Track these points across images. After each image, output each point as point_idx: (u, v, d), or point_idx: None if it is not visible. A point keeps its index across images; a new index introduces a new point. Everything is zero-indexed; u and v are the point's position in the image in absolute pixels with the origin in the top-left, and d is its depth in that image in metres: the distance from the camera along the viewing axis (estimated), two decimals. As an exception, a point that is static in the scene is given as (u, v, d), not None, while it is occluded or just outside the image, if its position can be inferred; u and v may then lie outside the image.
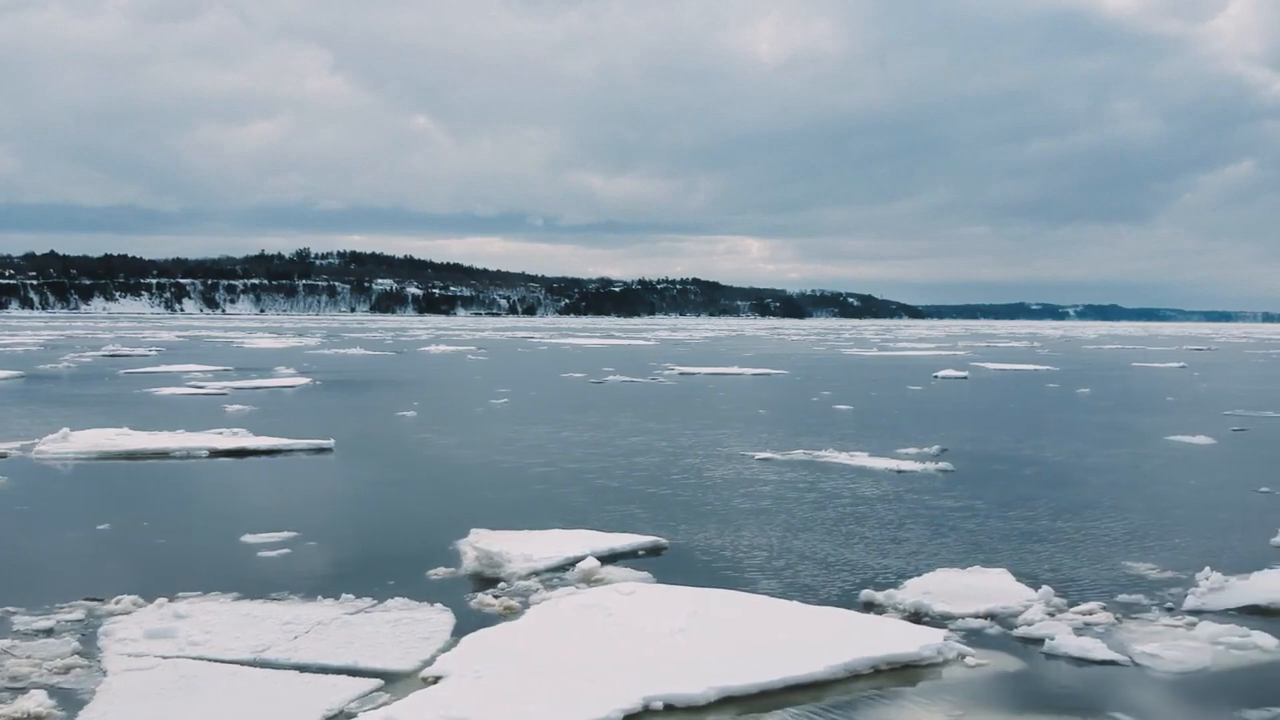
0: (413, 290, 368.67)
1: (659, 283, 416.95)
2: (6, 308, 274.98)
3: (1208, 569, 11.44)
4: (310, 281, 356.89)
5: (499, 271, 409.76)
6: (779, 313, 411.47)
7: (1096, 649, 8.86)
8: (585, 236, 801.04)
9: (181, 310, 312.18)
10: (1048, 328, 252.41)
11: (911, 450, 21.94)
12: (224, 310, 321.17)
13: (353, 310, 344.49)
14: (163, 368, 49.12)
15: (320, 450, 20.87)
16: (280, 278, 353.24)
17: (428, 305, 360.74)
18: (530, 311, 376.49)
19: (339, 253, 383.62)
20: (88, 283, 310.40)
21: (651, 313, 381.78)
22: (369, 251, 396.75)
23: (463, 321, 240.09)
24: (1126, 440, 24.77)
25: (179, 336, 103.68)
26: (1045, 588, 10.52)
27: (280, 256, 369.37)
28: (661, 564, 11.95)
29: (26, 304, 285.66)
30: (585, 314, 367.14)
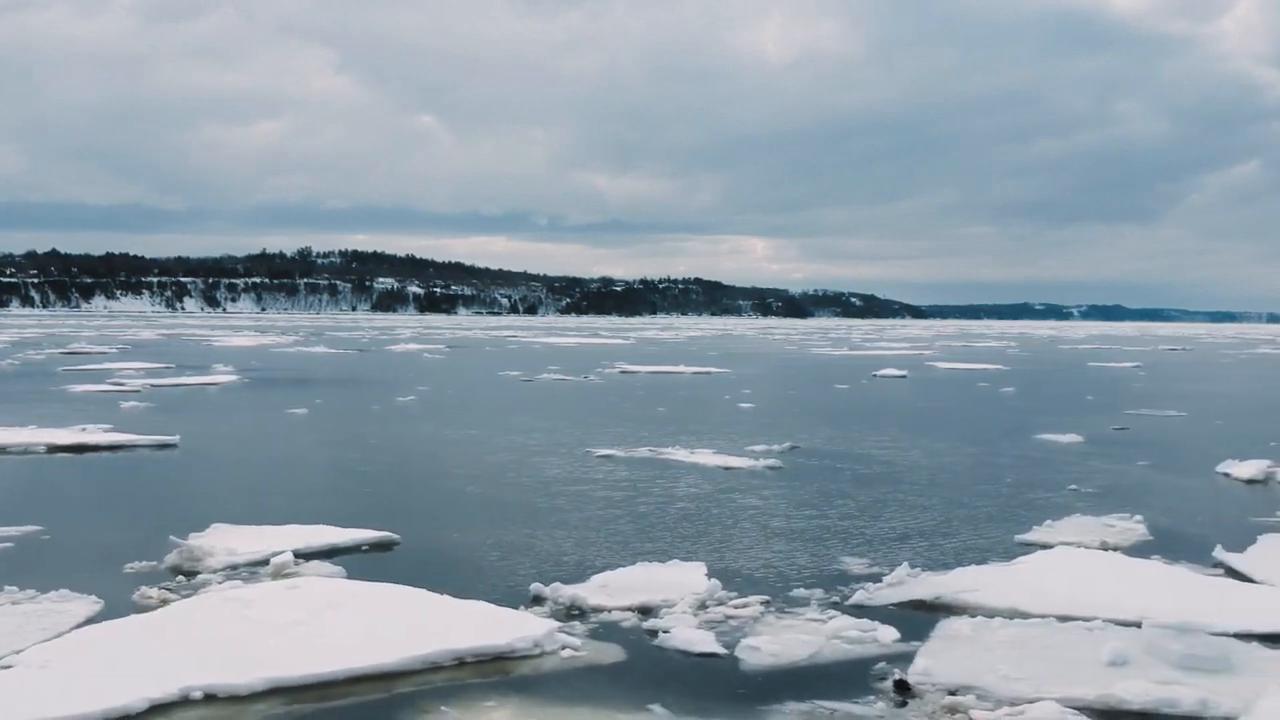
0: (414, 289, 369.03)
1: (660, 282, 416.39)
2: (7, 306, 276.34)
3: (905, 564, 11.58)
4: (311, 280, 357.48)
5: (500, 270, 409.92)
6: (781, 312, 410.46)
7: (703, 642, 8.95)
8: (590, 236, 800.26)
9: (182, 309, 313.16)
10: (1045, 328, 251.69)
11: (761, 448, 21.98)
12: (225, 309, 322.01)
13: (354, 309, 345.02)
14: (105, 365, 49.38)
15: (163, 446, 21.04)
16: (282, 276, 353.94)
17: (429, 304, 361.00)
18: (531, 311, 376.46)
19: (340, 251, 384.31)
20: (89, 281, 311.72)
21: (653, 312, 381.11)
22: (371, 250, 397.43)
23: (458, 320, 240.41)
24: (993, 439, 24.77)
25: (160, 335, 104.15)
26: (714, 581, 10.62)
27: (282, 255, 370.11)
28: (373, 560, 12.07)
29: (27, 302, 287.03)
30: (586, 313, 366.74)
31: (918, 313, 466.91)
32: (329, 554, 12.07)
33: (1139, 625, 9.35)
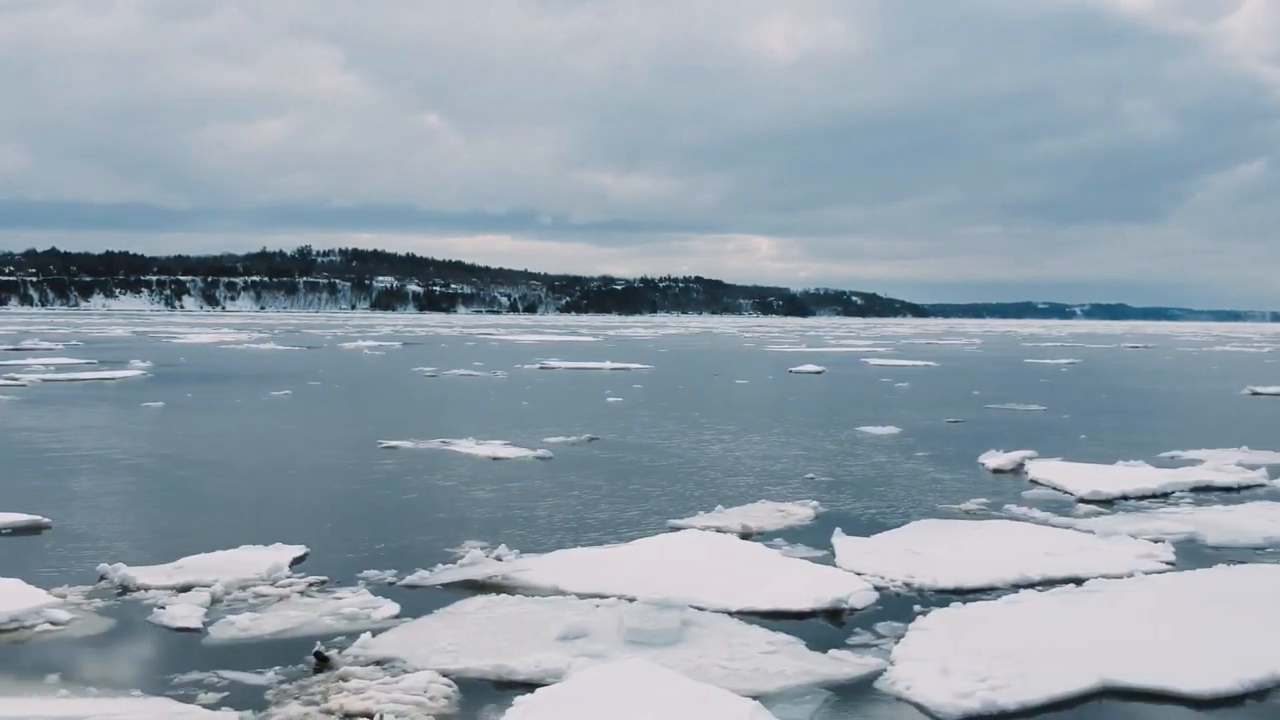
0: (413, 288, 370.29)
1: (661, 281, 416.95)
2: (6, 304, 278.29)
3: (503, 546, 11.95)
4: (311, 279, 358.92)
5: (500, 269, 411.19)
6: (782, 311, 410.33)
7: (187, 617, 9.33)
8: (594, 235, 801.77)
9: (181, 307, 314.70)
10: (1035, 327, 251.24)
11: (557, 439, 22.36)
12: (224, 308, 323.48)
13: (353, 308, 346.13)
14: (27, 361, 50.07)
15: (-41, 438, 21.58)
16: (281, 275, 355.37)
17: (428, 303, 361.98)
18: (531, 309, 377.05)
19: (340, 250, 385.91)
20: (88, 280, 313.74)
21: (654, 311, 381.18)
22: (371, 249, 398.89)
23: (448, 319, 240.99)
24: (812, 431, 25.01)
25: (131, 332, 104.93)
26: (279, 563, 10.99)
27: (282, 254, 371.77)
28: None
29: (26, 301, 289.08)
30: (587, 312, 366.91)
31: (919, 311, 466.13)
32: (-37, 537, 12.46)
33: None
